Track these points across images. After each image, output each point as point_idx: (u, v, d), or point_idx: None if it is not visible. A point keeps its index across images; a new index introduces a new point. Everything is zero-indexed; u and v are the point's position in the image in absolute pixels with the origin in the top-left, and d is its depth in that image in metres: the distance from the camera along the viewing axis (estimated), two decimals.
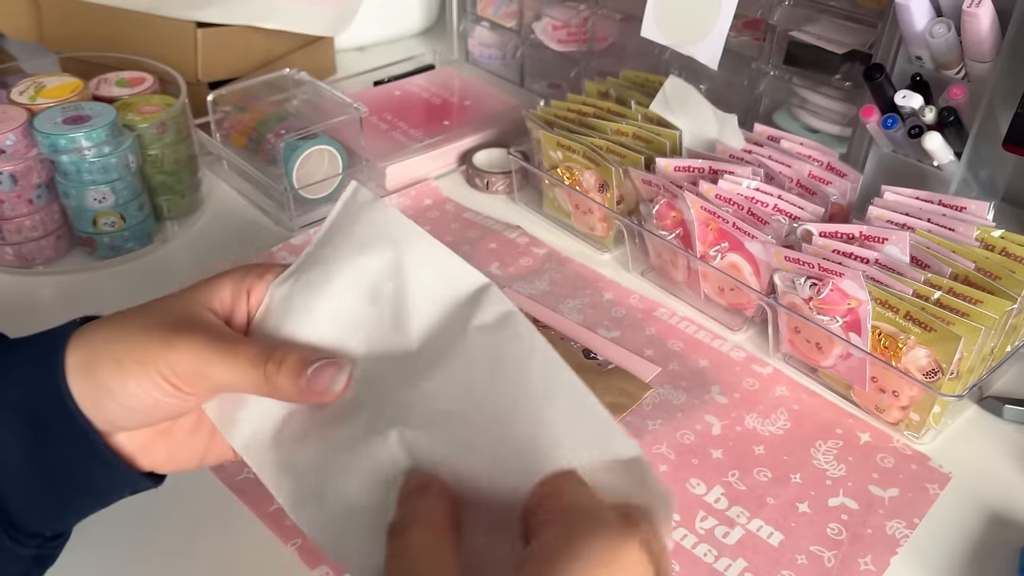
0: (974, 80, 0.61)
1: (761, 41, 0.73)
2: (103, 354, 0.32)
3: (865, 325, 0.51)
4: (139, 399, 0.32)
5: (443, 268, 0.34)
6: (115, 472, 0.34)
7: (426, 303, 0.34)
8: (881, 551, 0.46)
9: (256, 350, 0.33)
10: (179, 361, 0.32)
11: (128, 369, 0.32)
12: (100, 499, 0.36)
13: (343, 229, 0.35)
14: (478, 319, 0.33)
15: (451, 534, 0.29)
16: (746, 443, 0.52)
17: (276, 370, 0.32)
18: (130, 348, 0.32)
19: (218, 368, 0.32)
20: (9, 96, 0.65)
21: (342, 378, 0.33)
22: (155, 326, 0.33)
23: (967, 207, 0.57)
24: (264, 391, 0.33)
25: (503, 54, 0.96)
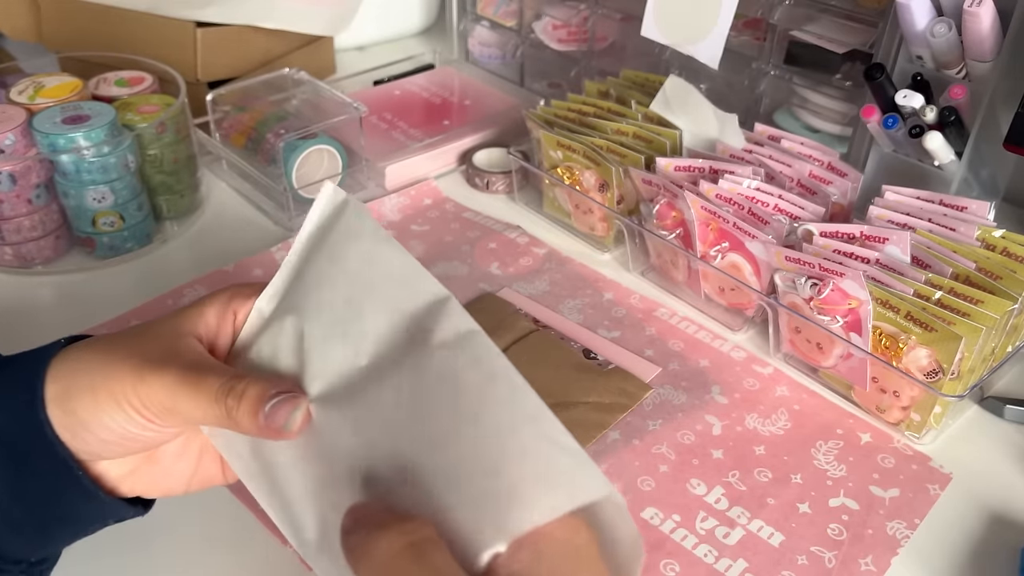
0: (975, 80, 0.61)
1: (762, 41, 0.73)
2: (80, 384, 0.32)
3: (866, 325, 0.51)
4: (114, 432, 0.32)
5: (405, 277, 0.32)
6: (97, 503, 0.34)
7: (384, 315, 0.32)
8: (882, 551, 0.46)
9: (219, 383, 0.31)
10: (149, 395, 0.31)
11: (101, 402, 0.31)
12: (83, 529, 0.35)
13: (318, 235, 0.35)
14: (436, 337, 0.30)
15: None
16: (746, 443, 0.52)
17: (236, 406, 0.31)
18: (105, 380, 0.32)
19: (185, 403, 0.31)
20: (8, 96, 0.65)
21: (298, 416, 0.31)
22: (131, 357, 0.32)
23: (968, 207, 0.57)
24: (229, 427, 0.32)
25: (503, 54, 0.96)
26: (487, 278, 0.65)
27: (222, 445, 0.35)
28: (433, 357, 0.30)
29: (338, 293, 0.33)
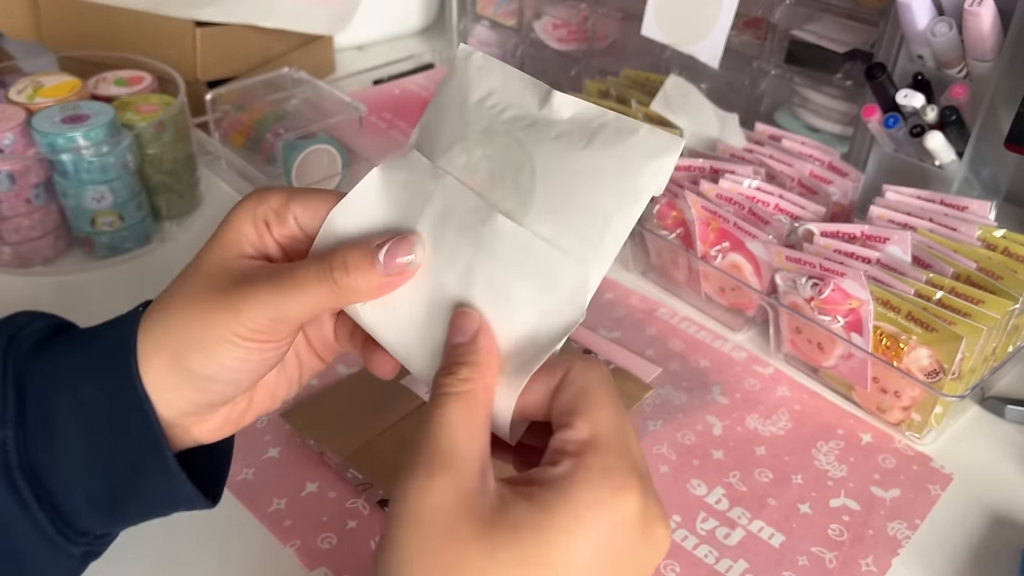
0: (976, 79, 0.61)
1: (762, 40, 0.73)
2: (182, 348, 0.32)
3: (867, 325, 0.51)
4: (238, 369, 0.32)
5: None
6: (175, 485, 0.34)
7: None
8: (882, 552, 0.46)
9: (315, 266, 0.31)
10: (253, 319, 0.31)
11: (213, 350, 0.31)
12: (155, 510, 0.36)
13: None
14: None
15: (488, 414, 0.30)
16: (747, 444, 0.52)
17: (345, 274, 0.31)
18: (205, 331, 0.31)
19: (290, 304, 0.31)
20: (7, 95, 0.65)
21: (420, 249, 0.32)
22: (212, 300, 0.32)
23: (969, 207, 0.57)
24: (343, 301, 0.32)
25: (503, 53, 0.96)
26: None
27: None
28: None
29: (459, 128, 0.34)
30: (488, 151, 0.33)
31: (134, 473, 0.33)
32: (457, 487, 0.28)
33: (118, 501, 0.34)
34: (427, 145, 0.35)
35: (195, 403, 0.33)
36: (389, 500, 0.29)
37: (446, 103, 0.35)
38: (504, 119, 0.33)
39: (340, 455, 0.49)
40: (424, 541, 0.27)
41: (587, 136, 0.31)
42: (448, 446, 0.28)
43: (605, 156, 0.31)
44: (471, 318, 0.31)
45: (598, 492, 0.27)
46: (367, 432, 0.50)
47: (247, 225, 0.34)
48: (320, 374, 0.55)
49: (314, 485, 0.48)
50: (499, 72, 0.34)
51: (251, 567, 0.44)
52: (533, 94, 0.33)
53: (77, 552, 0.35)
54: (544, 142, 0.32)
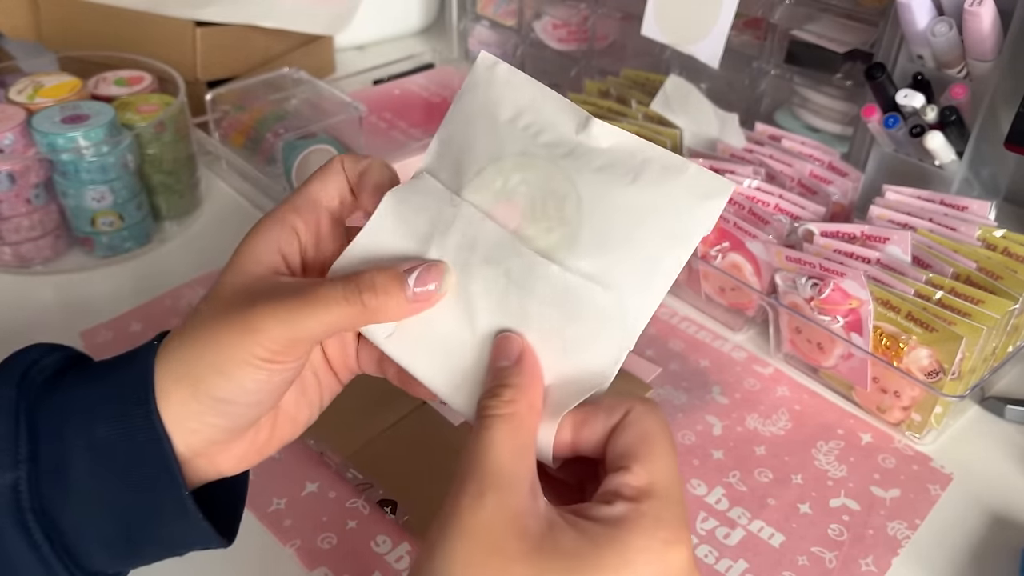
0: (976, 79, 0.61)
1: (762, 40, 0.73)
2: (204, 374, 0.31)
3: (866, 325, 0.51)
4: (260, 390, 0.31)
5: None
6: (191, 525, 0.33)
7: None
8: (882, 552, 0.46)
9: (341, 285, 0.31)
10: (270, 338, 0.30)
11: (233, 373, 0.31)
12: (169, 550, 0.35)
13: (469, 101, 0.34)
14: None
15: (533, 435, 0.30)
16: (747, 444, 0.52)
17: (374, 296, 0.31)
18: (224, 355, 0.31)
19: (310, 323, 0.30)
20: (7, 95, 0.65)
21: (449, 278, 0.32)
22: (230, 322, 0.31)
23: (969, 207, 0.57)
24: (366, 321, 0.31)
25: (503, 53, 0.96)
26: None
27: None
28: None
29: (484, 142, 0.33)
30: (528, 176, 0.32)
31: (150, 515, 0.32)
32: (507, 505, 0.28)
33: (133, 543, 0.33)
34: (451, 163, 0.33)
35: (219, 428, 0.32)
36: (435, 521, 0.29)
37: (472, 118, 0.33)
38: (540, 143, 0.32)
39: (340, 455, 0.49)
40: (471, 555, 0.27)
41: (632, 171, 0.31)
42: (496, 466, 0.28)
43: (654, 195, 0.30)
44: (514, 342, 0.31)
45: (650, 541, 0.27)
46: (367, 432, 0.50)
47: (273, 235, 0.34)
48: None
49: (314, 485, 0.48)
50: (528, 89, 0.33)
51: (251, 567, 0.44)
52: (570, 119, 0.32)
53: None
54: (587, 172, 0.31)
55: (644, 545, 0.27)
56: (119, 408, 0.32)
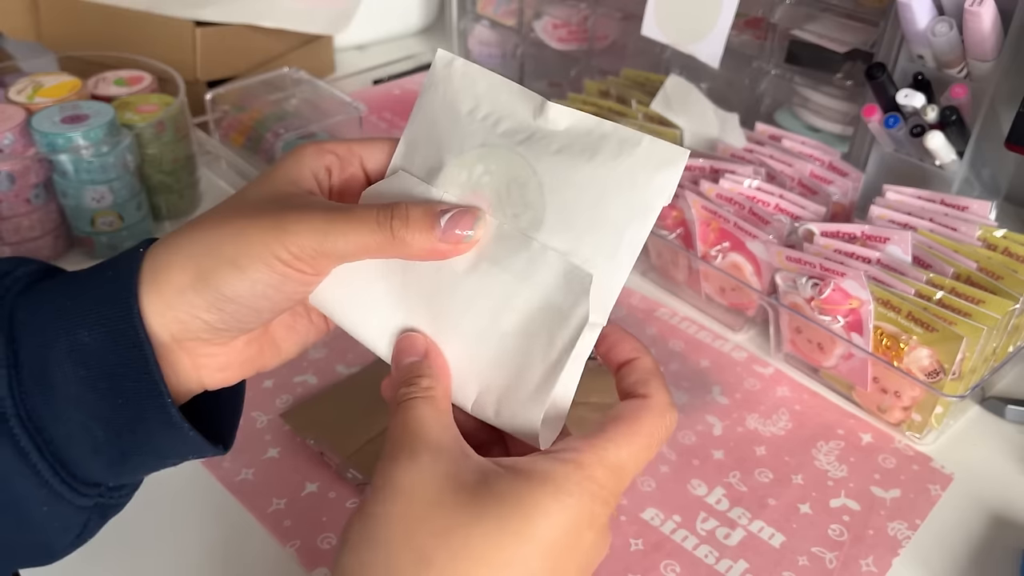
0: (976, 79, 0.61)
1: (762, 40, 0.73)
2: (216, 265, 0.31)
3: (867, 325, 0.51)
4: (267, 296, 0.31)
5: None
6: (180, 435, 0.33)
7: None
8: (883, 552, 0.46)
9: (376, 210, 0.31)
10: (298, 243, 0.30)
11: (247, 269, 0.30)
12: (162, 460, 0.35)
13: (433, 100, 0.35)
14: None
15: (450, 417, 0.32)
16: (747, 444, 0.52)
17: (404, 225, 0.31)
18: (244, 247, 0.30)
19: (340, 239, 0.31)
20: (7, 95, 0.65)
21: (480, 224, 0.32)
22: (259, 218, 0.31)
23: (969, 207, 0.57)
24: (392, 252, 0.31)
25: (503, 53, 0.96)
26: None
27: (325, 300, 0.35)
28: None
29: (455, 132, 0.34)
30: (490, 166, 0.32)
31: (136, 423, 0.32)
32: (440, 464, 0.29)
33: (122, 451, 0.32)
34: (418, 161, 0.34)
35: (209, 326, 0.32)
36: (368, 490, 0.30)
37: (434, 116, 0.34)
38: (499, 132, 0.33)
39: (340, 455, 0.49)
40: (411, 512, 0.28)
41: (589, 149, 0.31)
42: (425, 435, 0.30)
43: (611, 169, 0.31)
44: (418, 339, 0.34)
45: (584, 492, 0.29)
46: (367, 432, 0.50)
47: (309, 162, 0.34)
48: (320, 374, 0.55)
49: (314, 485, 0.48)
50: (483, 80, 0.34)
51: (251, 567, 0.44)
52: (526, 104, 0.33)
53: (87, 503, 0.33)
54: (546, 156, 0.32)
55: (577, 491, 0.29)
56: (99, 311, 0.31)
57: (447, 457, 0.30)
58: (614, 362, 0.34)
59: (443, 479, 0.29)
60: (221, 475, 0.48)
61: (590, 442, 0.30)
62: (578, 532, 0.29)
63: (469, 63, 0.34)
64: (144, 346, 0.31)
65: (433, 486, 0.29)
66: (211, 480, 0.48)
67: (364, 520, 0.29)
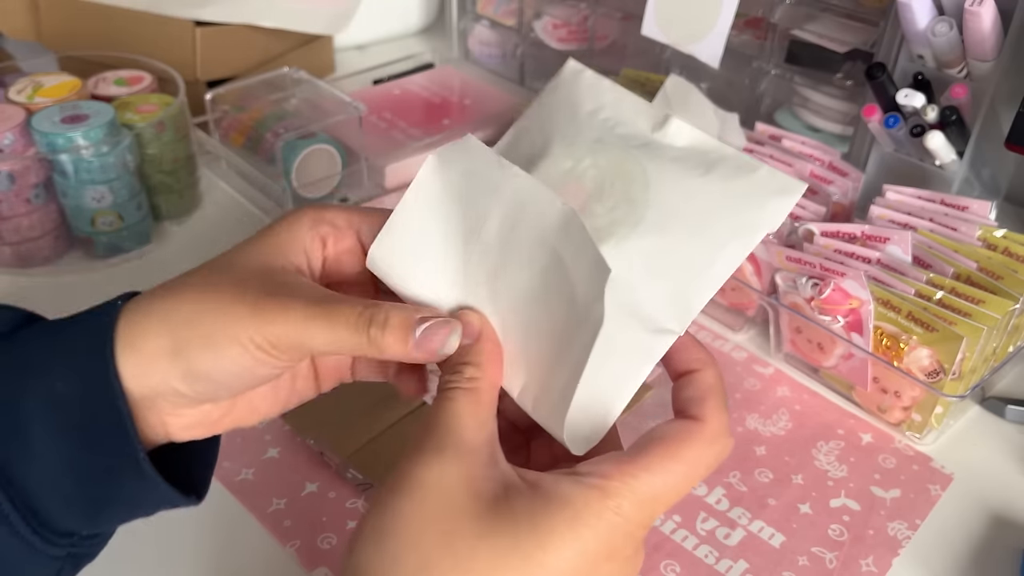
0: (976, 79, 0.61)
1: (762, 40, 0.73)
2: (191, 338, 0.30)
3: (867, 325, 0.51)
4: (237, 375, 0.31)
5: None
6: (152, 487, 0.33)
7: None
8: (883, 552, 0.46)
9: (357, 312, 0.30)
10: (275, 333, 0.30)
11: (223, 348, 0.30)
12: (134, 511, 0.34)
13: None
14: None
15: (493, 411, 0.31)
16: (747, 444, 0.52)
17: (380, 334, 0.30)
18: (221, 326, 0.30)
19: (318, 336, 0.30)
20: (7, 95, 0.65)
21: (454, 340, 0.31)
22: (241, 297, 0.30)
23: (969, 207, 0.57)
24: (370, 354, 0.31)
25: (503, 53, 0.96)
26: None
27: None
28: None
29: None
30: (599, 160, 0.32)
31: (108, 474, 0.32)
32: (464, 466, 0.28)
33: (94, 501, 0.32)
34: (523, 148, 0.33)
35: (179, 394, 0.31)
36: (387, 480, 0.29)
37: (552, 111, 0.34)
38: (617, 133, 0.32)
39: (340, 455, 0.49)
40: (423, 510, 0.28)
41: (705, 165, 0.31)
42: (456, 432, 0.29)
43: (725, 186, 0.30)
44: (473, 320, 0.32)
45: (603, 520, 0.28)
46: (367, 432, 0.50)
47: (304, 233, 0.33)
48: None
49: (314, 485, 0.48)
50: (610, 91, 0.33)
51: (251, 567, 0.44)
52: (648, 116, 0.32)
53: (60, 553, 0.33)
54: (660, 161, 0.31)
55: (595, 522, 0.27)
56: (75, 362, 0.31)
57: (473, 460, 0.29)
58: (673, 371, 0.32)
59: (464, 483, 0.28)
60: (221, 475, 0.48)
61: (621, 467, 0.28)
62: (594, 564, 0.28)
63: (599, 76, 0.34)
64: (118, 399, 0.30)
65: (452, 489, 0.28)
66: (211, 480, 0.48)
67: (378, 512, 0.28)
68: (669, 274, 0.30)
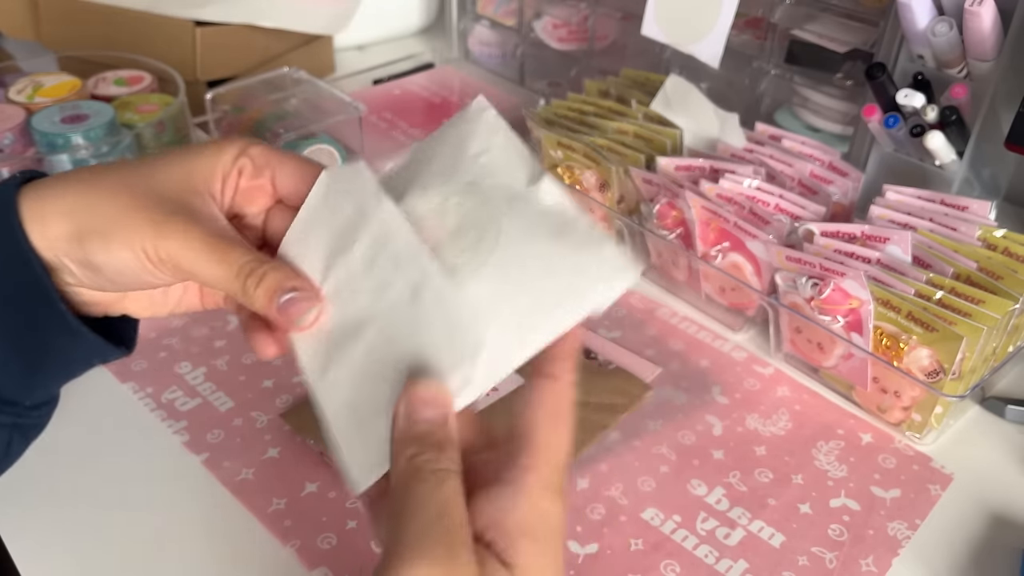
0: (976, 79, 0.61)
1: (762, 40, 0.73)
2: (88, 228, 0.32)
3: (867, 325, 0.51)
4: (124, 275, 0.33)
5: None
6: (81, 340, 0.34)
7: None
8: (883, 552, 0.46)
9: (244, 260, 0.33)
10: (168, 252, 0.32)
11: (114, 250, 0.32)
12: (68, 368, 0.36)
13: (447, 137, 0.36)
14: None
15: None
16: (747, 444, 0.52)
17: (254, 287, 0.33)
18: (118, 228, 0.32)
19: (205, 268, 0.32)
20: (7, 95, 0.65)
21: (311, 315, 0.33)
22: (146, 207, 0.32)
23: (969, 206, 0.57)
24: (240, 300, 0.33)
25: (503, 53, 0.96)
26: None
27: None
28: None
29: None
30: (465, 202, 0.33)
31: (34, 331, 0.33)
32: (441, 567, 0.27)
33: (29, 365, 0.33)
34: (407, 174, 0.35)
35: (73, 275, 0.33)
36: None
37: (443, 144, 0.36)
38: (490, 181, 0.34)
39: None
40: None
41: (559, 228, 0.32)
42: (453, 531, 0.28)
43: (569, 253, 0.31)
44: (444, 393, 0.31)
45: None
46: None
47: (224, 160, 0.34)
48: None
49: (314, 485, 0.48)
50: (502, 136, 0.35)
51: (251, 567, 0.44)
52: (524, 169, 0.34)
53: (6, 421, 0.35)
54: (518, 217, 0.32)
55: (545, 529, 0.30)
56: None
57: (463, 565, 0.28)
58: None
59: None
60: (221, 475, 0.48)
61: (528, 455, 0.31)
62: (557, 535, 0.30)
63: (500, 118, 0.35)
64: (30, 257, 0.32)
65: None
66: (211, 480, 0.48)
67: None
68: (491, 326, 0.31)
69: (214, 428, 0.51)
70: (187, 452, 0.50)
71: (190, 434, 0.51)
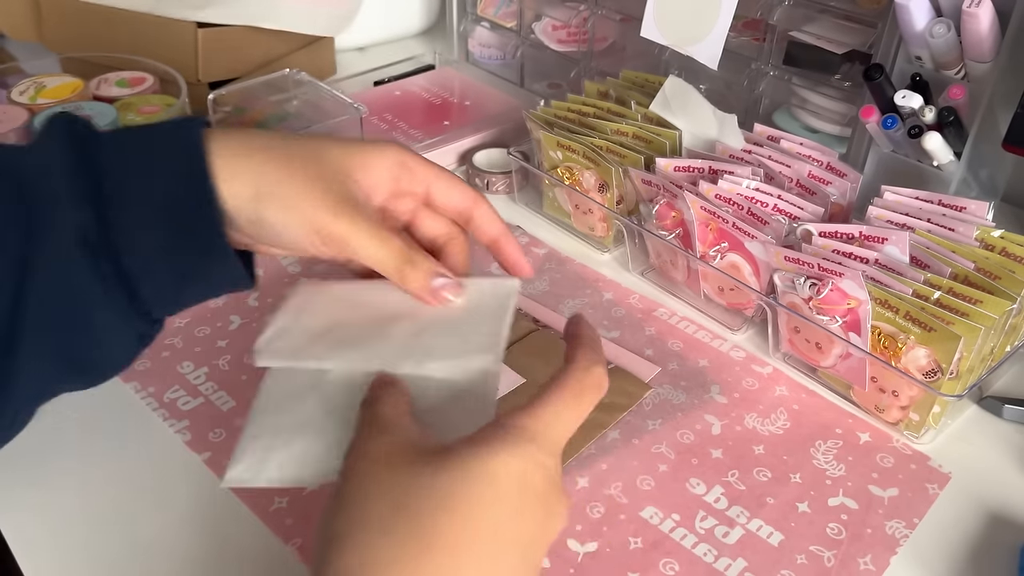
0: (974, 80, 0.61)
1: (761, 41, 0.73)
2: (272, 194, 0.37)
3: (865, 325, 0.51)
4: (283, 238, 0.38)
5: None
6: (228, 269, 0.38)
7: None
8: (881, 551, 0.46)
9: (402, 247, 0.39)
10: (337, 234, 0.38)
11: (291, 221, 0.37)
12: (204, 292, 0.40)
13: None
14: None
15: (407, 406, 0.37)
16: (746, 443, 0.52)
17: (411, 270, 0.39)
18: (301, 204, 0.37)
19: (369, 250, 0.38)
20: (9, 96, 0.65)
21: (452, 296, 0.41)
22: (327, 193, 0.38)
23: (967, 207, 0.57)
24: (392, 277, 0.40)
25: (503, 54, 0.96)
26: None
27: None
28: None
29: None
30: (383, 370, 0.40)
31: (191, 252, 0.37)
32: (403, 435, 0.34)
33: (177, 277, 0.37)
34: (332, 336, 0.41)
35: (234, 225, 0.38)
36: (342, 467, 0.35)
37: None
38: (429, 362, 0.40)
39: None
40: (379, 469, 0.33)
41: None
42: (390, 419, 0.35)
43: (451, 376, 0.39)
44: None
45: (520, 453, 0.33)
46: None
47: (389, 163, 0.41)
48: None
49: None
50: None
51: (252, 566, 0.45)
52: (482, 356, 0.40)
53: (144, 331, 0.39)
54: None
55: (522, 445, 0.32)
56: (177, 165, 0.36)
57: (410, 434, 0.34)
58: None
59: (407, 445, 0.33)
60: (222, 474, 0.49)
61: (525, 410, 0.34)
62: (530, 477, 0.32)
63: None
64: (212, 198, 0.36)
65: (400, 450, 0.33)
66: (212, 478, 0.49)
67: (338, 489, 0.33)
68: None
69: (216, 427, 0.52)
70: (189, 451, 0.50)
71: (192, 433, 0.51)
